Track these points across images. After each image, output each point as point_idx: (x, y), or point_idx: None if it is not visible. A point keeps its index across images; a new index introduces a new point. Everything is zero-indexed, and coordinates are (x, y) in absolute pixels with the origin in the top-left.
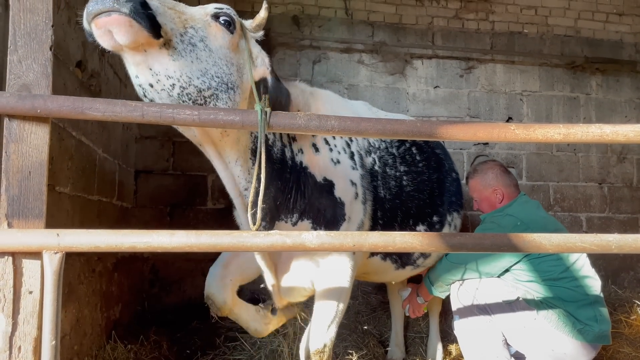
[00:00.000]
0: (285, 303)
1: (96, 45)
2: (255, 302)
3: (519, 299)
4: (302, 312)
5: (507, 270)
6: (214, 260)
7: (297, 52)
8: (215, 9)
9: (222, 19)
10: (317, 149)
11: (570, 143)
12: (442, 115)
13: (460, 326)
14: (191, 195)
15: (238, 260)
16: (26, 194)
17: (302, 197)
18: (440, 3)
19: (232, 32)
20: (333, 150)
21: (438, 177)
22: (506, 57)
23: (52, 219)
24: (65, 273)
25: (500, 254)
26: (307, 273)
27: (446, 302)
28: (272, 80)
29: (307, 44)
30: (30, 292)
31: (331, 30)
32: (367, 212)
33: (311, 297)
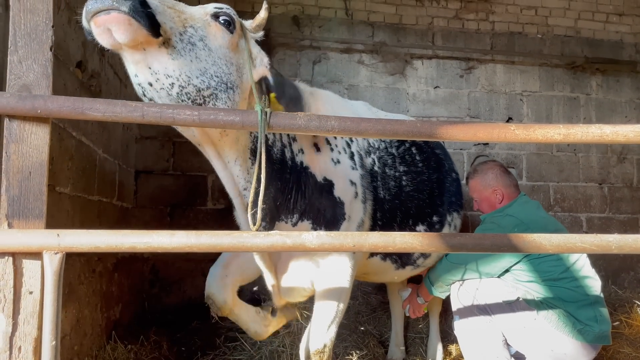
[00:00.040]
0: (285, 303)
1: (95, 43)
2: (255, 303)
3: (519, 299)
4: (303, 313)
5: (507, 271)
6: (214, 260)
7: (297, 53)
8: (215, 9)
9: (221, 19)
10: (318, 149)
11: (571, 143)
12: (442, 115)
13: (460, 326)
14: (191, 195)
15: (238, 260)
16: (26, 194)
17: (303, 197)
18: (440, 3)
19: (231, 32)
20: (334, 150)
21: (438, 177)
22: (506, 57)
23: (53, 220)
24: (65, 273)
25: (500, 254)
26: (307, 273)
27: (446, 303)
28: (273, 79)
29: (307, 44)
30: (31, 293)
31: (331, 30)
32: (367, 211)
33: (311, 297)
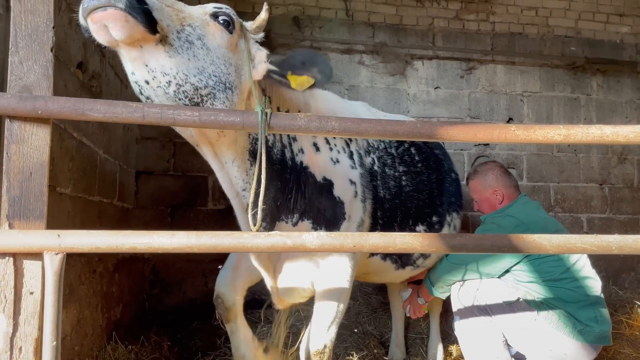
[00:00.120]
0: (286, 304)
1: (93, 41)
2: (256, 303)
3: (519, 299)
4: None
5: (507, 271)
6: (214, 261)
7: None
8: (215, 9)
9: (221, 19)
10: (317, 148)
11: (571, 144)
12: (443, 116)
13: (460, 327)
14: (192, 196)
15: (246, 262)
16: (27, 195)
17: (303, 197)
18: (440, 4)
19: (231, 32)
20: (333, 150)
21: (437, 178)
22: (507, 57)
23: (53, 220)
24: (66, 274)
25: (500, 254)
26: (307, 274)
27: (447, 303)
28: (275, 63)
29: (308, 45)
30: (31, 293)
31: (332, 31)
32: (367, 210)
33: (311, 298)
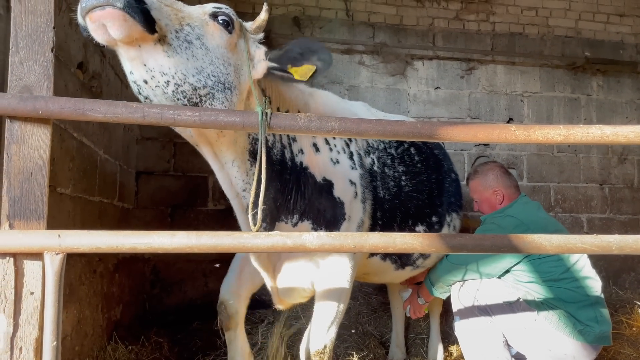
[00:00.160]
0: (286, 304)
1: (91, 39)
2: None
3: (519, 299)
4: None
5: (507, 271)
6: (215, 261)
7: None
8: (214, 9)
9: (220, 19)
10: (317, 149)
11: (571, 144)
12: (443, 116)
13: (461, 327)
14: (192, 196)
15: (249, 268)
16: (27, 195)
17: (302, 197)
18: (441, 4)
19: (230, 32)
20: (333, 150)
21: (437, 178)
22: (507, 58)
23: (54, 220)
24: (66, 274)
25: (500, 255)
26: (307, 274)
27: (447, 303)
28: (274, 59)
29: None
30: (32, 293)
31: (332, 31)
32: (366, 211)
33: (311, 299)
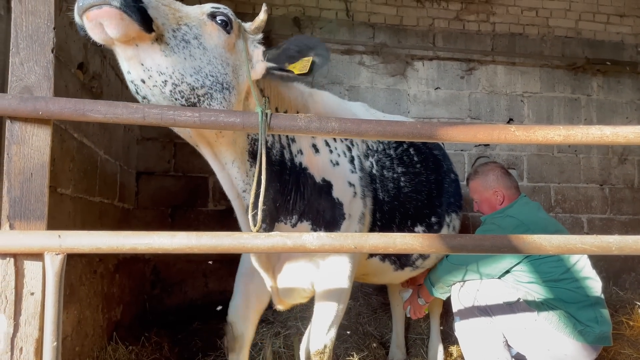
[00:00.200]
0: (286, 304)
1: (88, 38)
2: None
3: (519, 300)
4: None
5: (507, 272)
6: (215, 262)
7: None
8: (212, 9)
9: (218, 19)
10: (317, 150)
11: (571, 144)
12: (443, 116)
13: (461, 327)
14: (192, 196)
15: (254, 285)
16: (28, 195)
17: (302, 198)
18: (441, 4)
19: (228, 32)
20: (333, 152)
21: (436, 178)
22: (507, 58)
23: (54, 221)
24: (66, 274)
25: (501, 255)
26: (307, 274)
27: (447, 304)
28: (273, 59)
29: None
30: (32, 294)
31: (332, 31)
32: (367, 206)
33: (311, 299)
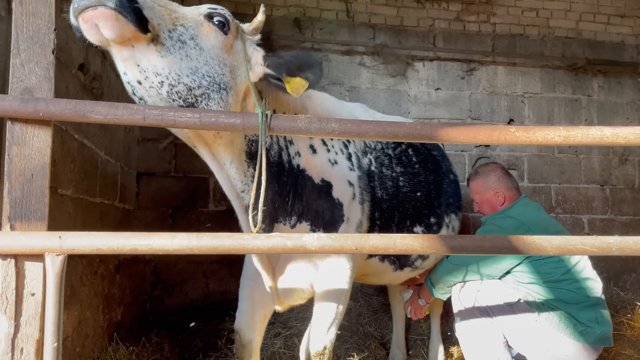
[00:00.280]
0: (285, 305)
1: (84, 39)
2: None
3: (520, 300)
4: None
5: (508, 272)
6: (216, 262)
7: None
8: (209, 9)
9: (215, 20)
10: (314, 151)
11: (572, 145)
12: (444, 117)
13: (461, 328)
14: (193, 197)
15: (259, 291)
16: (28, 196)
17: (300, 199)
18: (441, 5)
19: (226, 33)
20: (330, 151)
21: (435, 179)
22: (507, 59)
23: (55, 222)
24: (67, 275)
25: (501, 256)
26: (306, 275)
27: (447, 304)
28: (271, 67)
29: (309, 47)
30: (33, 294)
31: (332, 32)
32: (365, 212)
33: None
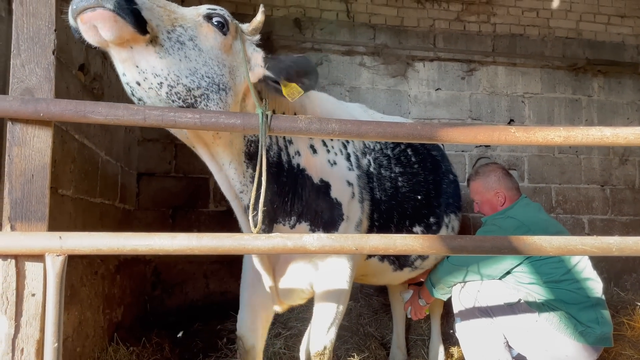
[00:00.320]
0: (285, 306)
1: (82, 40)
2: None
3: (520, 301)
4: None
5: (508, 273)
6: (216, 262)
7: None
8: (208, 10)
9: (214, 20)
10: (314, 151)
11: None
12: (444, 117)
13: (461, 328)
14: (193, 197)
15: (259, 294)
16: (29, 197)
17: (300, 199)
18: (441, 5)
19: (225, 34)
20: (330, 152)
21: (434, 179)
22: (508, 59)
23: (55, 222)
24: (67, 275)
25: (501, 256)
26: (306, 275)
27: (448, 305)
28: (271, 70)
29: (309, 47)
30: (33, 295)
31: (333, 32)
32: (364, 211)
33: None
